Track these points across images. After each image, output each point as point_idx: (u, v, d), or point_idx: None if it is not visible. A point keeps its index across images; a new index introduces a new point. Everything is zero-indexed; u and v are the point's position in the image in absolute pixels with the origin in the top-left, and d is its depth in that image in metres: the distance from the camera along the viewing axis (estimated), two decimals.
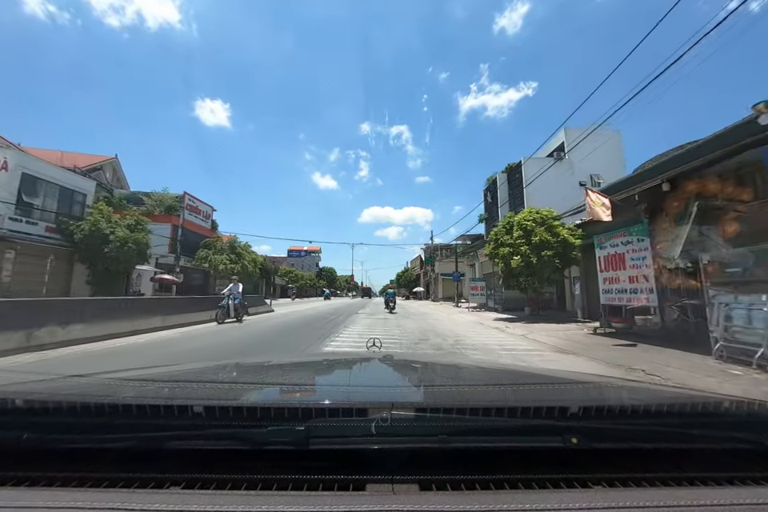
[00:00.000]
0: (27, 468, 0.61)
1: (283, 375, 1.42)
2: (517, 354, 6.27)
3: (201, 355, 5.73)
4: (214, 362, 1.91)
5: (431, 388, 1.15)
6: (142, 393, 0.95)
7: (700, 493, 0.55)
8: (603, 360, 5.50)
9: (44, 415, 0.68)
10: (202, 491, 0.56)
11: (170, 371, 1.32)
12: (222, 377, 1.30)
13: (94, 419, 0.68)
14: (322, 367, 1.65)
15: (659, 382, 4.02)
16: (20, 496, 0.53)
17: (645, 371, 4.67)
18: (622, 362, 5.23)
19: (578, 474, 0.61)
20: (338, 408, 0.73)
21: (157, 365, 1.54)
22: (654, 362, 5.21)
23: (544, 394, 1.08)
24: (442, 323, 12.12)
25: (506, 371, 1.63)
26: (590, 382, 1.25)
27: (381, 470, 0.60)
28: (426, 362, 1.88)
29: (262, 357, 3.43)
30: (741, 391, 3.57)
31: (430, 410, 0.75)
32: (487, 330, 10.15)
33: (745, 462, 0.65)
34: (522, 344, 7.51)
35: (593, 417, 0.71)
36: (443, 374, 1.51)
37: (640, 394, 1.07)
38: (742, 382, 4.09)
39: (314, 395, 1.06)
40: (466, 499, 0.53)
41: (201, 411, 0.67)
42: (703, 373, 4.52)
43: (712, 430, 0.70)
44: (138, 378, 1.13)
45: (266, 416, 0.67)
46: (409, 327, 10.58)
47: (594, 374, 2.70)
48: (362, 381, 1.38)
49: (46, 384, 1.04)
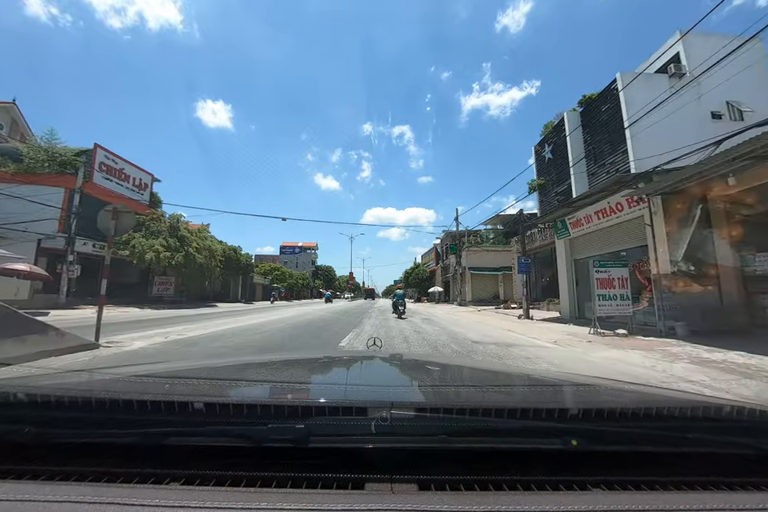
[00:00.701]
0: (29, 462, 0.62)
1: (284, 373, 1.39)
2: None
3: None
4: (215, 359, 2.16)
5: (432, 388, 1.16)
6: (143, 388, 0.92)
7: (699, 497, 0.55)
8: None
9: (46, 410, 0.68)
10: (201, 487, 0.56)
11: (172, 368, 1.40)
12: (224, 374, 1.30)
13: (95, 414, 0.68)
14: (323, 366, 1.64)
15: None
16: (21, 490, 0.53)
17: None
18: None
19: (578, 476, 0.61)
20: (338, 407, 0.71)
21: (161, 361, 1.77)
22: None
23: (544, 395, 1.10)
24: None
25: (507, 373, 1.63)
26: (590, 385, 1.22)
27: (380, 469, 0.61)
28: (427, 362, 1.87)
29: (266, 355, 3.41)
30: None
31: (430, 409, 0.75)
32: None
33: (745, 467, 0.65)
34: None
35: (593, 419, 0.69)
36: (444, 375, 1.50)
37: (640, 397, 1.08)
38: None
39: (314, 393, 1.04)
40: (464, 500, 0.53)
41: (201, 408, 0.67)
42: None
43: (712, 434, 0.70)
44: (140, 374, 1.13)
45: (267, 413, 0.67)
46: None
47: (595, 376, 2.12)
48: (363, 380, 1.37)
49: (49, 378, 1.08)
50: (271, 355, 3.00)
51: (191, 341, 6.77)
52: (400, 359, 1.74)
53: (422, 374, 1.49)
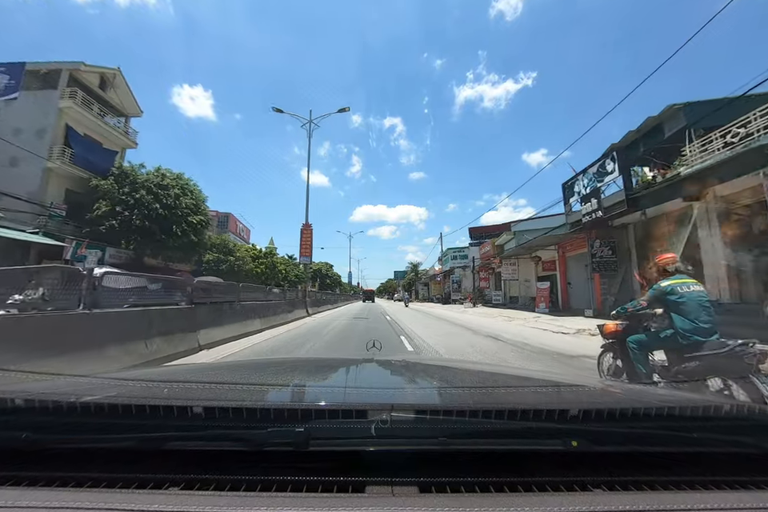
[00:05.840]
0: (27, 468, 0.61)
1: (283, 376, 1.38)
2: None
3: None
4: (214, 362, 2.16)
5: (431, 390, 1.21)
6: (141, 393, 0.92)
7: (701, 497, 0.55)
8: None
9: (44, 415, 0.68)
10: (201, 492, 0.56)
11: (171, 371, 1.47)
12: (222, 377, 1.28)
13: (93, 419, 0.68)
14: (322, 368, 1.66)
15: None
16: (19, 496, 0.53)
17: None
18: None
19: (578, 476, 0.61)
20: (337, 409, 0.70)
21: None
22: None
23: (544, 396, 1.09)
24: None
25: (507, 374, 1.63)
26: (590, 385, 1.23)
27: (380, 472, 0.60)
28: (427, 364, 1.93)
29: (268, 358, 3.55)
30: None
31: (429, 411, 0.74)
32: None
33: (746, 466, 0.65)
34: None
35: (593, 420, 0.69)
36: (444, 376, 1.47)
37: (640, 397, 1.08)
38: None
39: (313, 396, 1.05)
40: (465, 502, 0.53)
41: (200, 412, 0.66)
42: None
43: (713, 433, 0.70)
44: (138, 378, 1.13)
45: (266, 417, 0.67)
46: None
47: (594, 377, 2.60)
48: (363, 382, 1.36)
49: (47, 384, 1.06)
50: (269, 358, 2.75)
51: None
52: (399, 361, 1.75)
53: (421, 375, 1.49)
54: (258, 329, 8.50)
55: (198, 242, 17.72)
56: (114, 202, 15.35)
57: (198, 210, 17.56)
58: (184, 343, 5.34)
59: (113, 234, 15.34)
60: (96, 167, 16.04)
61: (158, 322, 4.84)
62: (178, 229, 16.16)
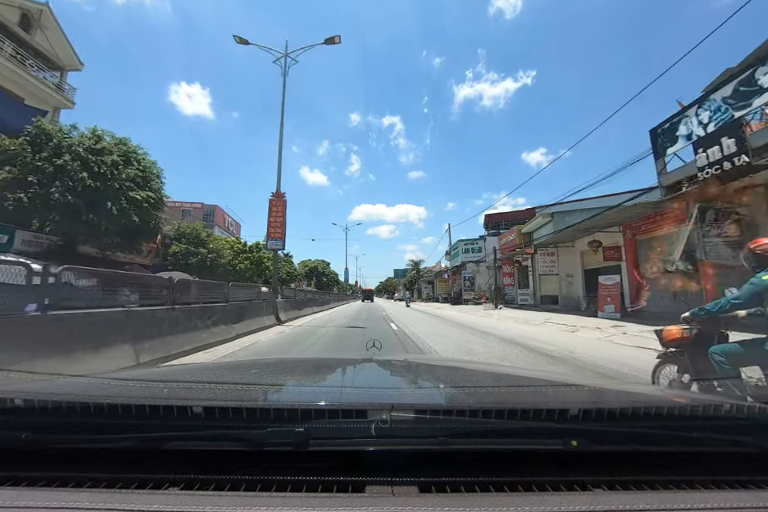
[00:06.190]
0: (26, 468, 0.61)
1: (283, 376, 1.40)
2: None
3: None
4: (214, 362, 2.07)
5: (431, 390, 1.21)
6: (141, 393, 0.92)
7: (701, 496, 0.56)
8: None
9: (44, 415, 0.67)
10: (200, 492, 0.56)
11: (171, 371, 1.46)
12: (222, 377, 1.28)
13: (93, 419, 0.68)
14: (322, 368, 1.65)
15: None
16: (19, 496, 0.53)
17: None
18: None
19: (579, 476, 0.62)
20: (337, 409, 0.71)
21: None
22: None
23: (544, 396, 1.09)
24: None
25: (507, 374, 1.63)
26: (590, 385, 1.23)
27: (380, 472, 0.61)
28: (427, 364, 1.89)
29: (267, 358, 3.52)
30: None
31: (429, 411, 0.75)
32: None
33: (746, 466, 0.65)
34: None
35: (593, 419, 0.69)
36: (443, 376, 1.47)
37: (640, 397, 1.08)
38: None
39: (313, 396, 1.05)
40: (465, 501, 0.54)
41: (200, 412, 0.66)
42: None
43: (713, 433, 0.69)
44: (138, 378, 1.14)
45: (266, 417, 0.67)
46: None
47: (594, 377, 2.67)
48: (362, 382, 1.38)
49: (46, 384, 1.07)
50: (269, 358, 3.10)
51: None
52: (399, 361, 1.77)
53: (421, 375, 1.52)
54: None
55: (144, 226, 13.72)
56: (26, 170, 11.55)
57: (146, 184, 13.64)
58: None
59: (22, 211, 11.53)
60: (11, 128, 12.25)
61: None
62: (114, 206, 12.26)
